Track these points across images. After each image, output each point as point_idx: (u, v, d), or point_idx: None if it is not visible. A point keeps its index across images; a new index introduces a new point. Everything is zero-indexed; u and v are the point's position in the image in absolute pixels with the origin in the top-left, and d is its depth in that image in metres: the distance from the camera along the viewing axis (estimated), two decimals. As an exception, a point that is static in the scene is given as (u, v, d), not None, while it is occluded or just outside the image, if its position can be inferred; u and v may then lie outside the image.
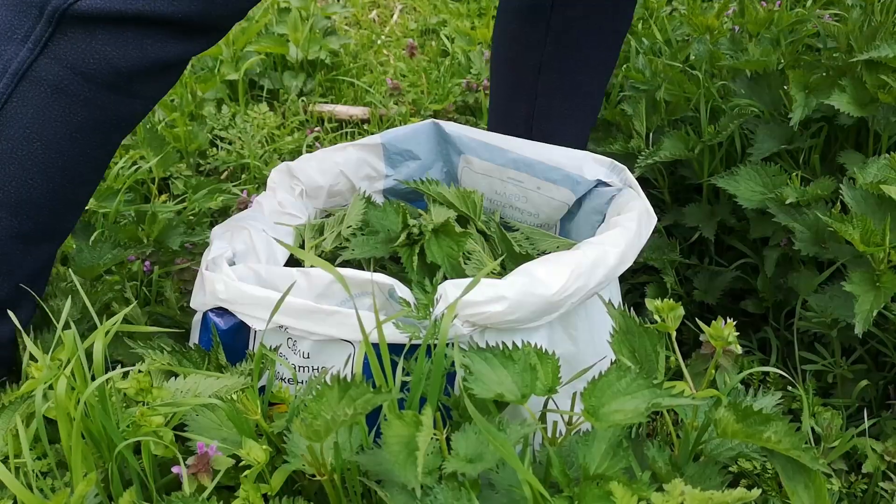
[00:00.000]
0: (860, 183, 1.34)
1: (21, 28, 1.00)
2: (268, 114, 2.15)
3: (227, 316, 1.11)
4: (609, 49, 1.56)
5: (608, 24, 1.53)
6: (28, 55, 1.00)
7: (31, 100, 1.01)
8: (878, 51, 1.43)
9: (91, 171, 1.10)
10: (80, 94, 1.02)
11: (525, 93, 1.57)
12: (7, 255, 1.07)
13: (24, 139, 1.02)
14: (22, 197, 1.05)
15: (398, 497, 0.83)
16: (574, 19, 1.51)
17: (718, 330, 0.96)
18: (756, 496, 0.82)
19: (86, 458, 0.88)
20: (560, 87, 1.55)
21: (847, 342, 1.43)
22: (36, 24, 0.99)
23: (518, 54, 1.57)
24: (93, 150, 1.07)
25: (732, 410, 0.93)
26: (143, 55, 1.02)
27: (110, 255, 1.31)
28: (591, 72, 1.56)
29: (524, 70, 1.56)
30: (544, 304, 1.05)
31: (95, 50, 1.00)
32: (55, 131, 1.03)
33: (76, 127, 1.03)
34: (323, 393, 0.84)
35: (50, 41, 0.99)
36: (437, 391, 0.93)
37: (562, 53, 1.52)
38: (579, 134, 1.60)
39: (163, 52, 1.03)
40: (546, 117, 1.57)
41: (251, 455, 0.90)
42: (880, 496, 1.27)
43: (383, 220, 1.25)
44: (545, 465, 0.90)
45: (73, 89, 1.01)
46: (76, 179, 1.08)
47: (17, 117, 1.02)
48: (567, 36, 1.51)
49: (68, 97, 1.01)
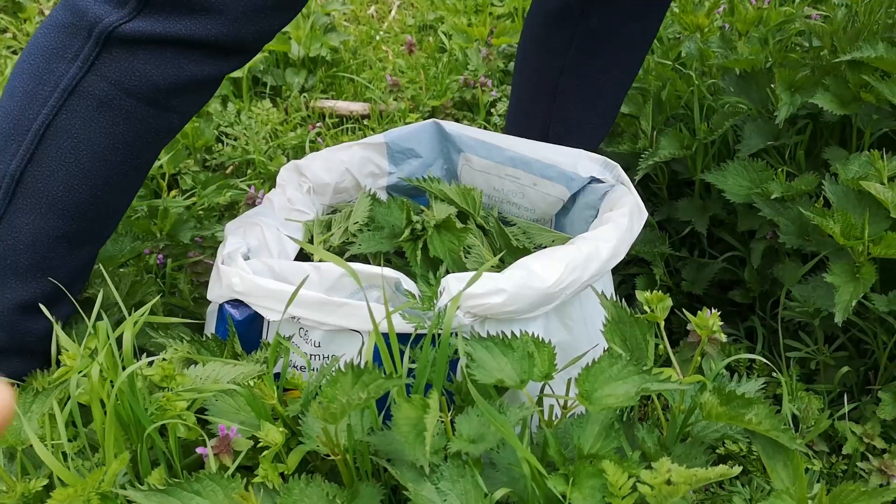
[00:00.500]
0: (842, 179, 1.40)
1: (71, 48, 1.08)
2: (271, 110, 2.21)
3: (242, 307, 1.17)
4: (632, 57, 1.59)
5: (634, 34, 1.57)
6: (77, 72, 1.08)
7: (78, 113, 1.09)
8: (860, 51, 1.49)
9: (131, 179, 1.18)
10: (123, 108, 1.09)
11: (545, 95, 1.61)
12: (52, 255, 1.15)
13: (72, 148, 1.10)
14: (68, 201, 1.12)
15: (407, 474, 0.90)
16: (601, 27, 1.54)
17: (704, 320, 1.02)
18: (736, 473, 0.89)
19: (116, 440, 0.94)
20: (579, 91, 1.59)
21: (830, 330, 1.49)
22: (85, 44, 1.07)
23: (542, 58, 1.61)
24: (133, 159, 1.14)
25: (717, 395, 0.99)
26: (180, 73, 1.09)
27: (130, 247, 1.37)
28: (613, 79, 1.60)
29: (546, 73, 1.60)
30: (541, 296, 1.11)
31: (137, 68, 1.08)
32: (100, 141, 1.10)
33: (119, 138, 1.11)
34: (337, 379, 0.91)
35: (97, 60, 1.07)
36: (441, 377, 0.99)
37: (584, 59, 1.56)
38: (594, 138, 1.65)
39: (198, 71, 1.10)
40: (563, 120, 1.61)
41: (269, 437, 0.96)
42: (859, 475, 1.34)
43: (388, 216, 1.32)
44: (542, 446, 0.97)
45: (116, 103, 1.09)
46: (118, 186, 1.16)
47: (66, 128, 1.09)
48: (592, 42, 1.55)
49: (112, 111, 1.09)
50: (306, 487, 0.88)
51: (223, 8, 1.07)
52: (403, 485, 0.89)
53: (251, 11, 1.09)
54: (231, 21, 1.08)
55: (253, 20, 1.10)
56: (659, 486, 0.87)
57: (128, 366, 0.95)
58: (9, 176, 1.11)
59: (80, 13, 1.08)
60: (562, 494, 0.89)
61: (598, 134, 1.66)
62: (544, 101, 1.62)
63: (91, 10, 1.07)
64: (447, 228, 1.28)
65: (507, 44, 2.46)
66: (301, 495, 0.87)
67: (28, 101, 1.10)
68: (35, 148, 1.10)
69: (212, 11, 1.07)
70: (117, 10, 1.06)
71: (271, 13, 1.11)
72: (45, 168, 1.11)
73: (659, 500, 0.87)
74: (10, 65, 2.37)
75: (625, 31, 1.55)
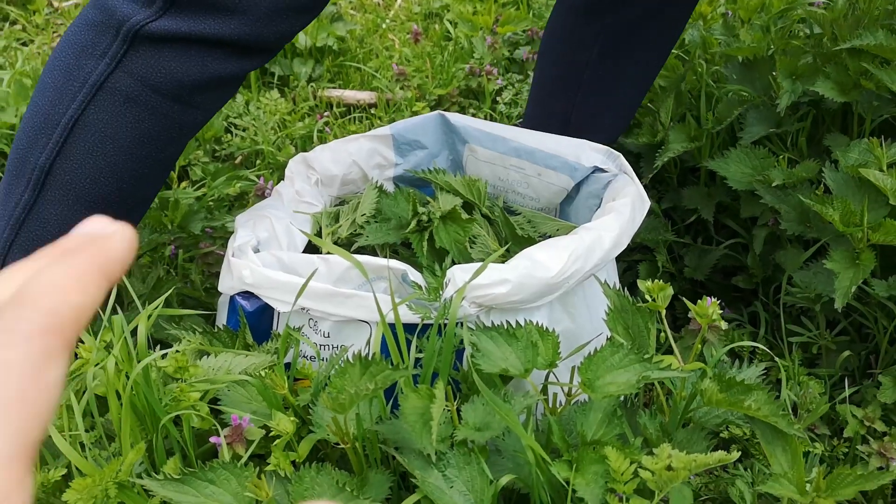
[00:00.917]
0: (842, 166, 1.42)
1: (100, 45, 1.12)
2: (279, 100, 2.23)
3: (252, 299, 1.19)
4: (658, 53, 1.60)
5: (663, 30, 1.57)
6: (105, 69, 1.12)
7: (106, 108, 1.13)
8: (860, 39, 1.50)
9: (156, 173, 1.22)
10: (149, 104, 1.13)
11: (569, 88, 1.62)
12: None
13: (99, 142, 1.14)
14: (95, 193, 1.16)
15: (415, 462, 0.92)
16: (630, 21, 1.54)
17: (704, 309, 1.05)
18: (734, 458, 0.91)
19: (132, 430, 0.97)
20: (604, 85, 1.60)
21: (831, 315, 1.51)
22: (113, 41, 1.11)
23: (568, 50, 1.61)
24: (158, 153, 1.18)
25: (717, 381, 1.01)
26: (204, 71, 1.13)
27: (147, 239, 1.40)
28: (637, 74, 1.61)
29: (572, 66, 1.61)
30: (544, 285, 1.13)
31: (163, 65, 1.12)
32: (126, 136, 1.14)
33: (144, 132, 1.15)
34: (346, 370, 0.93)
35: (124, 57, 1.11)
36: (447, 367, 1.02)
37: (611, 54, 1.57)
38: (614, 131, 1.66)
39: (221, 69, 1.14)
40: (586, 113, 1.62)
41: (280, 426, 0.99)
42: (860, 458, 1.36)
43: (394, 207, 1.34)
44: (546, 433, 0.99)
45: (142, 99, 1.13)
46: (143, 179, 1.20)
47: (94, 123, 1.13)
48: (619, 37, 1.55)
49: (138, 106, 1.13)
50: (317, 475, 0.91)
51: (247, 8, 1.10)
52: (411, 472, 0.92)
53: (273, 12, 1.12)
54: (254, 21, 1.11)
55: (275, 21, 1.13)
56: (660, 472, 0.89)
57: (142, 358, 0.98)
58: (38, 168, 1.15)
59: (109, 11, 1.11)
60: (565, 480, 0.92)
61: (619, 127, 1.67)
62: (568, 94, 1.63)
63: (119, 9, 1.10)
64: (453, 219, 1.30)
65: (511, 32, 2.47)
66: (312, 483, 0.90)
67: (58, 96, 1.14)
68: (64, 141, 1.14)
69: (236, 12, 1.10)
70: (144, 8, 1.10)
71: (293, 14, 1.15)
72: (74, 161, 1.15)
73: (659, 485, 0.89)
74: (20, 56, 2.39)
75: (654, 24, 1.56)
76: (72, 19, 2.65)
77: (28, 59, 2.40)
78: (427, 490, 0.89)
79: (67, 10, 2.75)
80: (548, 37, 1.67)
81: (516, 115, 2.19)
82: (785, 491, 0.96)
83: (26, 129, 1.16)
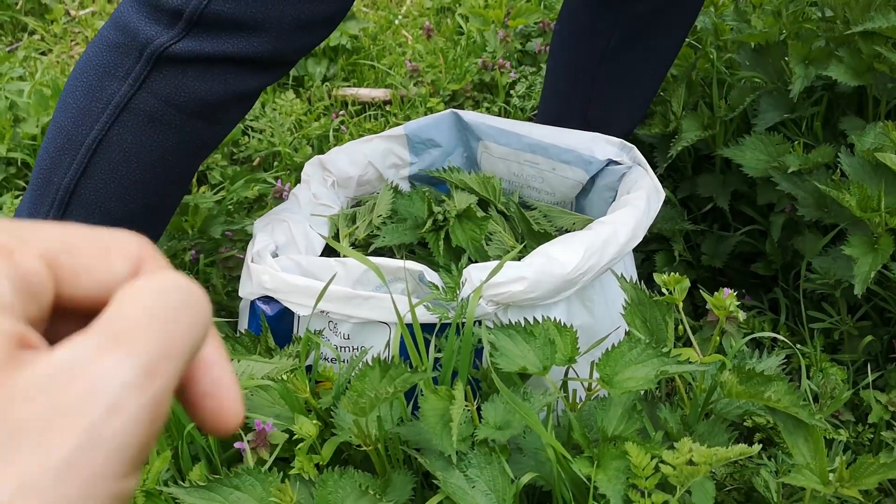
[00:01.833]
0: (858, 150, 1.41)
1: (123, 67, 1.13)
2: (294, 101, 2.24)
3: (272, 303, 1.21)
4: (674, 42, 1.59)
5: (679, 17, 1.56)
6: (129, 90, 1.13)
7: (130, 128, 1.14)
8: (873, 22, 1.49)
9: (179, 186, 1.24)
10: (173, 123, 1.15)
11: (585, 80, 1.61)
12: None
13: (124, 161, 1.16)
14: (121, 210, 1.18)
15: (436, 463, 0.93)
16: (647, 10, 1.53)
17: (720, 300, 1.05)
18: (755, 451, 0.91)
19: (158, 438, 0.98)
20: (621, 76, 1.59)
21: (852, 300, 1.51)
22: (136, 63, 1.12)
23: (583, 40, 1.60)
24: (181, 168, 1.20)
25: (736, 373, 1.02)
26: (227, 88, 1.14)
27: (166, 246, 1.42)
28: (653, 64, 1.60)
29: (587, 56, 1.60)
30: (561, 281, 1.14)
31: (186, 85, 1.13)
32: (150, 154, 1.16)
33: (168, 150, 1.16)
34: (366, 373, 0.94)
35: (147, 78, 1.12)
36: (466, 366, 1.03)
37: (628, 44, 1.56)
38: (632, 121, 1.65)
39: (242, 85, 1.15)
40: (603, 105, 1.61)
41: (303, 430, 1.00)
42: (885, 444, 1.36)
43: (410, 207, 1.35)
44: (567, 429, 1.00)
45: (166, 119, 1.14)
46: (167, 193, 1.22)
47: (118, 143, 1.15)
48: (637, 26, 1.54)
49: (162, 125, 1.15)
50: (340, 479, 0.92)
51: (269, 26, 1.11)
52: (433, 473, 0.93)
53: (296, 28, 1.13)
54: (275, 38, 1.12)
55: (297, 36, 1.14)
56: (681, 467, 0.90)
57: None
58: (63, 189, 1.16)
59: (132, 33, 1.12)
60: (587, 477, 0.92)
61: (637, 117, 1.67)
62: (584, 86, 1.62)
63: (142, 31, 1.11)
64: (468, 217, 1.31)
65: (523, 24, 2.47)
66: (335, 487, 0.91)
67: (81, 117, 1.15)
68: (88, 162, 1.15)
69: (258, 30, 1.11)
70: (167, 30, 1.10)
71: (315, 28, 1.16)
72: (98, 181, 1.16)
73: (681, 479, 0.90)
74: (39, 67, 2.41)
75: (668, 13, 1.55)
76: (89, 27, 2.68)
77: (48, 68, 2.42)
78: (449, 490, 0.90)
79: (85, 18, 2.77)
80: (561, 30, 1.66)
81: (530, 107, 2.19)
82: (808, 482, 0.96)
83: (49, 149, 1.18)
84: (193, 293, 0.31)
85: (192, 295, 0.31)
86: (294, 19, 1.12)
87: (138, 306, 0.30)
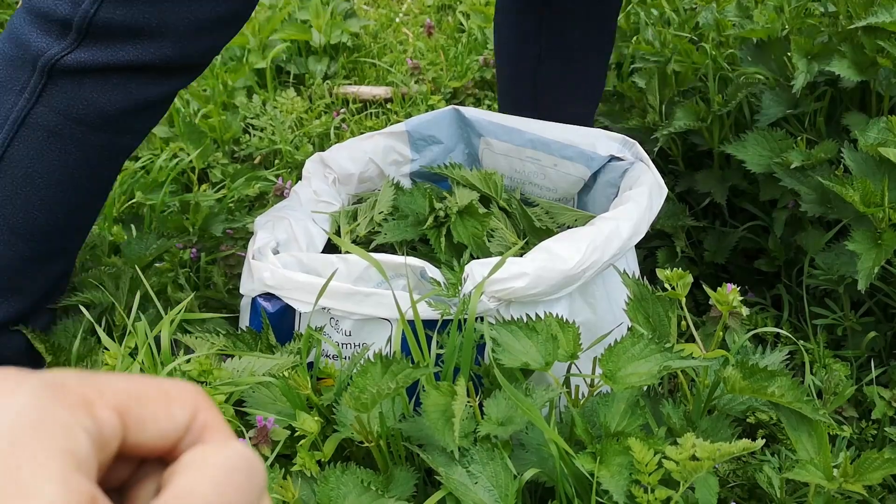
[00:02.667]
0: (861, 145, 1.41)
1: (19, 80, 1.10)
2: (295, 99, 2.24)
3: (274, 300, 1.20)
4: (602, 33, 1.60)
5: (598, 11, 1.57)
6: (25, 104, 1.09)
7: (30, 143, 1.11)
8: (875, 16, 1.49)
9: (91, 199, 1.20)
10: (73, 136, 1.11)
11: (527, 82, 1.62)
12: (22, 276, 1.18)
13: (26, 177, 1.12)
14: (30, 226, 1.15)
15: (438, 459, 0.93)
16: (565, 10, 1.54)
17: (723, 296, 1.04)
18: (759, 446, 0.91)
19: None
20: (561, 74, 1.60)
21: (856, 296, 1.50)
22: (31, 77, 1.09)
23: (517, 47, 1.62)
24: (89, 182, 1.17)
25: (739, 368, 1.01)
26: (128, 97, 1.10)
27: (156, 245, 1.41)
28: (589, 56, 1.61)
29: (524, 61, 1.61)
30: (563, 277, 1.13)
31: (84, 97, 1.09)
32: (53, 170, 1.12)
33: (72, 164, 1.13)
34: (367, 369, 0.94)
35: (44, 92, 1.09)
36: (468, 362, 1.02)
37: (558, 40, 1.57)
38: (585, 112, 1.66)
39: (146, 93, 1.12)
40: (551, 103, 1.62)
41: (305, 426, 1.00)
42: (889, 440, 1.35)
43: (412, 204, 1.34)
44: (569, 425, 0.99)
45: (66, 132, 1.11)
46: (78, 208, 1.18)
47: (19, 159, 1.11)
48: (560, 25, 1.55)
49: (62, 139, 1.11)
50: (342, 475, 0.92)
51: (166, 31, 1.07)
52: (435, 469, 0.92)
53: (196, 30, 1.09)
54: (175, 42, 1.08)
55: (199, 38, 1.10)
56: (684, 462, 0.89)
57: (166, 363, 0.99)
58: None
59: (24, 46, 1.09)
60: (590, 473, 0.92)
61: (591, 106, 1.67)
62: (527, 89, 1.63)
63: (34, 43, 1.08)
64: (470, 214, 1.30)
65: (525, 21, 2.47)
66: (337, 483, 0.91)
67: None
68: None
69: (155, 35, 1.07)
70: (58, 41, 1.07)
71: (216, 29, 1.12)
72: (2, 198, 1.13)
73: (684, 475, 0.89)
74: None
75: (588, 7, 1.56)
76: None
77: None
78: (451, 487, 0.90)
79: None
80: (497, 34, 1.67)
81: (532, 104, 2.18)
82: (812, 477, 0.95)
83: None
84: (254, 464, 0.34)
85: (254, 466, 0.33)
86: (192, 21, 1.08)
87: (208, 482, 0.32)
